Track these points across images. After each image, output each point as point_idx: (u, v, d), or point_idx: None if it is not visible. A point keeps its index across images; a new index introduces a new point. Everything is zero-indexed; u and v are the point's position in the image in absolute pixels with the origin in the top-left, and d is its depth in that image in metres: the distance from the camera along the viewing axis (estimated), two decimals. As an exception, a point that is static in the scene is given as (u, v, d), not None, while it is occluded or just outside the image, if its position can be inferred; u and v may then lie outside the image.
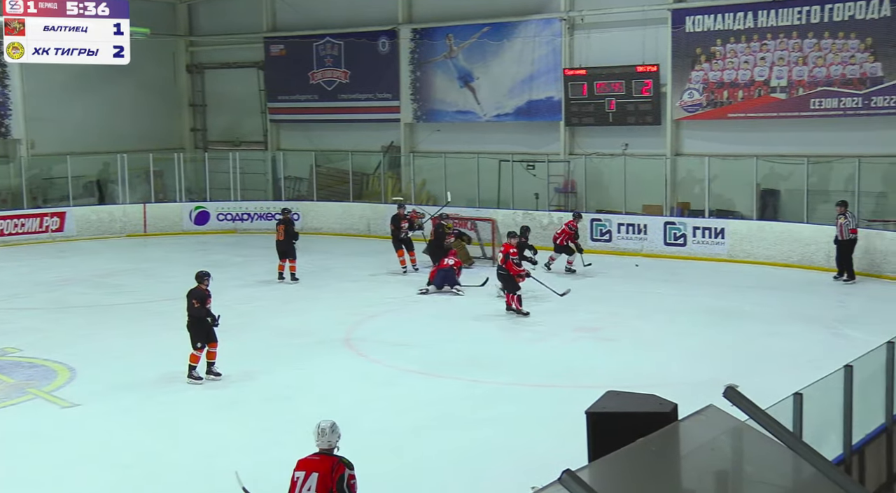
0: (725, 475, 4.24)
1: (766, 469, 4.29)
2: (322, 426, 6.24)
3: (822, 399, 6.29)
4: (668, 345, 12.95)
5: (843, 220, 16.67)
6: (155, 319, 14.96)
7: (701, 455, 4.22)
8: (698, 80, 20.50)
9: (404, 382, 11.50)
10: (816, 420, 5.97)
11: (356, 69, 25.58)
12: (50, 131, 24.85)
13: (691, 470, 4.19)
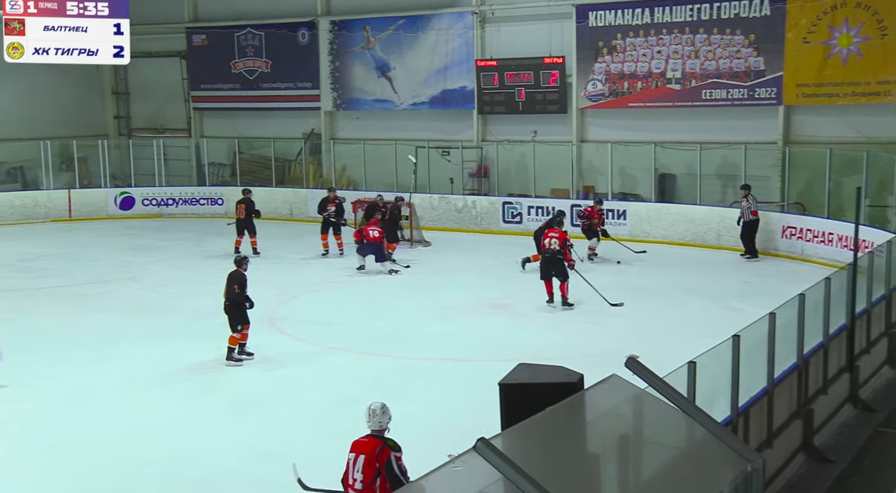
0: (627, 439, 4.35)
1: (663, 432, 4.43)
2: (373, 408, 6.06)
3: (713, 367, 6.48)
4: (574, 320, 13.18)
5: (746, 202, 17.16)
6: (80, 302, 14.56)
7: (605, 421, 4.33)
8: (601, 72, 20.81)
9: (326, 359, 11.44)
10: (708, 386, 6.15)
11: (277, 59, 25.19)
12: (-29, 118, 23.82)
13: (596, 435, 4.29)
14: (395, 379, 10.56)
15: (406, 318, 13.51)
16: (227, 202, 24.20)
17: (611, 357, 9.75)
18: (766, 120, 19.17)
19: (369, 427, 6.09)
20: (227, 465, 8.10)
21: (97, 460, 8.23)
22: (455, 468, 3.63)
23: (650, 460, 4.29)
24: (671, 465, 4.28)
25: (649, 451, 4.38)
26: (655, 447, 4.38)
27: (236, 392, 10.08)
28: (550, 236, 13.70)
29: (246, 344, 11.29)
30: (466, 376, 10.48)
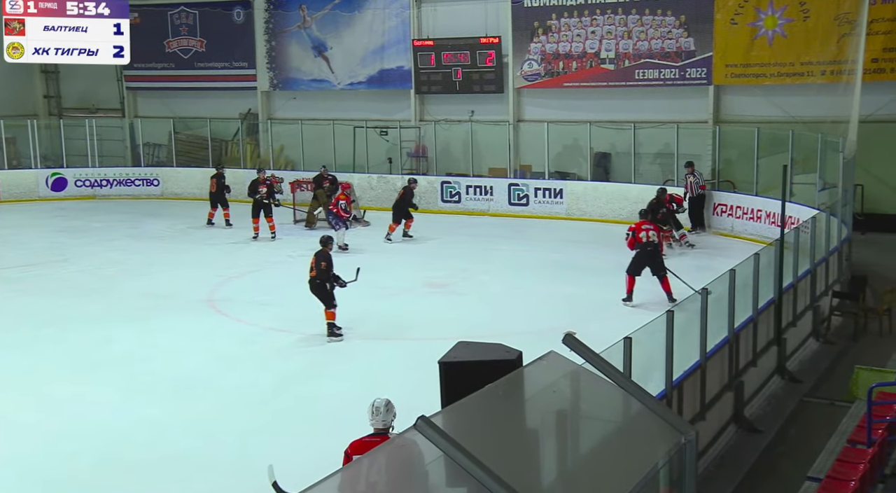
0: (565, 414, 4.40)
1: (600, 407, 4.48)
2: (376, 405, 5.66)
3: (648, 342, 6.59)
4: (513, 298, 13.25)
5: (693, 178, 17.46)
6: (9, 285, 14.15)
7: (543, 397, 4.36)
8: (537, 52, 20.87)
9: (264, 339, 11.33)
10: (643, 361, 6.26)
11: (212, 38, 24.69)
12: None
13: (535, 411, 4.33)
14: (333, 358, 10.52)
15: (344, 297, 13.37)
16: (162, 183, 23.72)
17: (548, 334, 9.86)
18: (697, 99, 19.47)
19: (372, 425, 5.68)
20: (171, 448, 7.98)
21: (33, 445, 8.02)
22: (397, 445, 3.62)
23: (587, 434, 4.35)
24: (608, 439, 4.34)
25: (587, 426, 4.43)
26: (593, 422, 4.44)
27: (176, 375, 9.92)
28: (645, 229, 12.43)
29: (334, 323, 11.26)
30: (406, 355, 10.48)
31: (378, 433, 5.61)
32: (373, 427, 5.69)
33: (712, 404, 7.84)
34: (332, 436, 8.14)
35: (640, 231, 12.45)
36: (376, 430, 5.64)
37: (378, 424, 5.66)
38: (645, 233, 12.41)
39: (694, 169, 17.60)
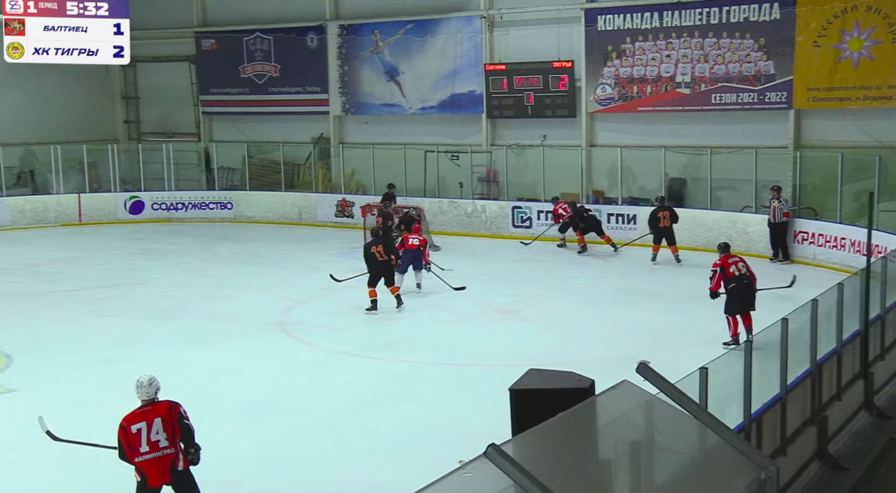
0: (639, 445, 4.32)
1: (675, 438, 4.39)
2: (141, 380, 6.72)
3: (726, 372, 6.44)
4: (584, 324, 13.12)
5: (777, 203, 17.09)
6: (89, 306, 14.58)
7: (616, 427, 4.29)
8: (610, 76, 20.77)
9: (335, 363, 11.43)
10: (720, 392, 6.11)
11: (286, 63, 25.23)
12: (-19, 122, 23.92)
13: (608, 441, 4.26)
14: (403, 383, 10.54)
15: (415, 322, 13.48)
16: (236, 206, 24.26)
17: (620, 362, 9.72)
18: (777, 124, 19.08)
19: (140, 398, 6.65)
20: (234, 471, 8.07)
21: (105, 464, 8.20)
22: (466, 474, 3.60)
23: (662, 466, 4.25)
24: (683, 472, 4.24)
25: (661, 458, 4.34)
26: (667, 454, 4.34)
27: (244, 398, 10.07)
28: (733, 262, 11.72)
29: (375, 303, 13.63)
30: (476, 381, 10.45)
31: (145, 404, 6.65)
32: (140, 399, 6.68)
33: (794, 439, 7.59)
34: (399, 462, 8.19)
35: (728, 266, 11.66)
36: (143, 401, 6.66)
37: (143, 396, 6.67)
38: (735, 267, 11.66)
39: (780, 194, 17.23)
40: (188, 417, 6.68)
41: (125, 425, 6.57)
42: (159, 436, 6.49)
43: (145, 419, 6.52)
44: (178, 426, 6.57)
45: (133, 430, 6.50)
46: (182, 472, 6.60)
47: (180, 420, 6.59)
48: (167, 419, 6.54)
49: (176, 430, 6.58)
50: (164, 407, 6.61)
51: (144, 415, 6.56)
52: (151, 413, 6.55)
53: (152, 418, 6.52)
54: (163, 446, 6.50)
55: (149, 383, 6.70)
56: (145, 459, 6.51)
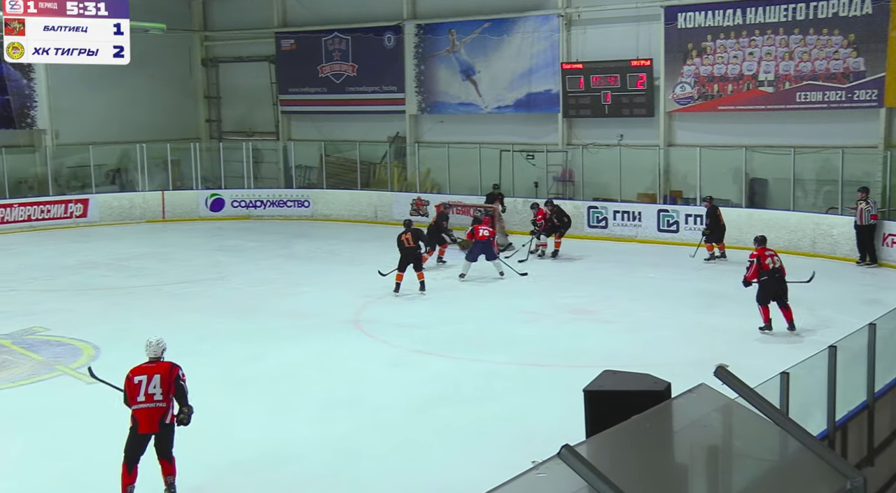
0: (716, 450, 4.24)
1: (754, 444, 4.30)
2: (150, 340, 7.54)
3: (808, 378, 6.28)
4: (660, 326, 12.94)
5: (865, 205, 16.59)
6: (171, 301, 14.99)
7: (693, 431, 4.23)
8: (690, 74, 20.42)
9: (409, 361, 11.51)
10: (802, 398, 5.97)
11: (363, 63, 25.51)
12: (73, 122, 24.81)
13: (684, 445, 4.20)
14: (477, 383, 10.56)
15: (488, 322, 13.49)
16: (313, 204, 24.65)
17: (697, 366, 9.56)
18: (866, 123, 18.47)
19: (148, 355, 7.48)
20: (314, 465, 8.20)
21: (187, 456, 8.43)
22: (539, 474, 3.59)
23: (741, 473, 4.17)
24: (763, 479, 4.15)
25: (740, 463, 4.26)
26: (747, 460, 4.26)
27: (320, 394, 10.22)
28: (769, 255, 12.18)
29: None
30: (550, 382, 10.41)
31: (151, 361, 7.47)
32: (149, 356, 7.50)
33: (882, 449, 7.35)
34: (472, 461, 8.21)
35: (764, 258, 12.09)
36: (150, 358, 7.48)
37: (151, 354, 7.49)
38: (770, 259, 12.11)
39: (867, 195, 16.70)
40: (185, 379, 7.43)
41: (130, 375, 7.40)
42: (155, 390, 7.28)
43: (147, 373, 7.33)
44: (174, 384, 7.31)
45: (135, 380, 7.32)
46: (168, 425, 7.37)
47: (177, 380, 7.34)
48: (165, 377, 7.31)
49: (171, 388, 7.32)
50: (165, 366, 7.40)
51: (147, 370, 7.38)
52: (153, 370, 7.36)
53: (153, 373, 7.33)
54: (157, 399, 7.29)
55: (156, 344, 7.51)
56: (140, 407, 7.32)
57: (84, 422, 9.36)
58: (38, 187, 23.99)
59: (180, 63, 28.06)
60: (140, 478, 7.46)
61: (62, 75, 24.52)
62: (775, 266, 12.08)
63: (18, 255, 19.44)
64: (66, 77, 24.60)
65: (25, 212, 22.85)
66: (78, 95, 24.99)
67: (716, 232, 17.66)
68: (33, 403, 9.97)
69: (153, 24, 23.83)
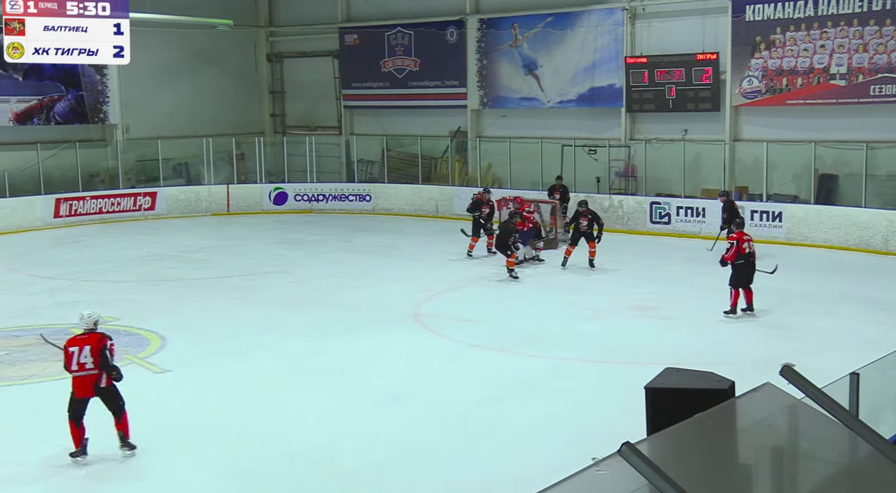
0: (781, 451, 4.15)
1: (822, 446, 4.20)
2: (82, 314, 8.31)
3: (879, 379, 6.12)
4: (724, 324, 12.72)
5: None
6: (235, 293, 15.24)
7: (757, 431, 4.14)
8: (757, 68, 20.00)
9: (469, 356, 11.52)
10: (873, 400, 5.81)
11: (425, 58, 25.57)
12: (143, 117, 25.39)
13: (748, 446, 4.12)
14: (536, 378, 10.52)
15: (549, 317, 13.43)
16: (374, 199, 24.82)
17: (762, 364, 9.37)
18: (943, 117, 17.90)
19: (81, 328, 8.25)
20: (374, 458, 8.26)
21: (249, 446, 8.59)
22: (599, 471, 3.56)
23: (807, 475, 4.08)
24: (832, 482, 4.05)
25: (807, 465, 4.16)
26: (814, 462, 4.16)
27: (380, 387, 10.29)
28: (747, 239, 12.84)
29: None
30: (611, 378, 10.32)
31: (84, 333, 8.20)
32: (82, 328, 8.26)
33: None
34: (530, 457, 8.18)
35: (742, 242, 12.70)
36: (84, 331, 8.22)
37: (83, 326, 8.27)
38: (748, 244, 12.73)
39: None
40: (111, 350, 8.11)
41: (66, 345, 8.17)
42: (86, 359, 7.97)
43: (79, 344, 8.05)
44: (100, 354, 7.97)
45: (70, 351, 8.06)
46: (105, 388, 8.05)
47: (103, 350, 7.99)
48: (95, 348, 8.01)
49: (98, 357, 7.99)
50: (95, 338, 8.10)
51: (79, 342, 8.10)
52: (84, 341, 8.07)
53: (84, 344, 8.03)
54: (88, 367, 7.99)
55: (88, 317, 8.27)
56: (74, 375, 8.05)
57: (148, 411, 9.58)
58: (109, 181, 24.62)
59: (246, 59, 28.49)
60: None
61: (133, 71, 25.05)
62: (751, 251, 12.76)
63: (90, 246, 19.99)
64: (136, 73, 25.14)
65: (97, 205, 23.48)
66: (148, 91, 25.56)
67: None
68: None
69: (220, 21, 24.28)
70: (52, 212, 22.67)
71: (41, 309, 14.06)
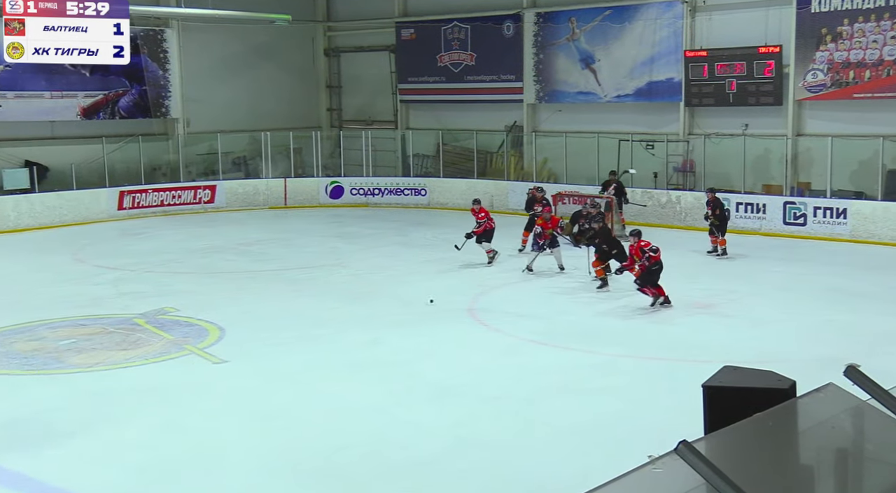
0: (846, 453, 4.05)
1: (889, 449, 4.08)
2: None
3: (947, 382, 5.92)
4: (785, 323, 12.47)
5: None
6: (292, 285, 15.39)
7: (820, 432, 4.05)
8: (823, 61, 19.54)
9: (524, 351, 11.48)
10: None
11: (482, 52, 25.51)
12: (203, 111, 25.80)
13: (809, 447, 4.03)
14: (592, 375, 10.44)
15: (605, 313, 13.31)
16: (429, 193, 24.86)
17: (824, 364, 9.16)
18: None
19: None
20: (426, 451, 8.28)
21: (306, 436, 8.67)
22: (655, 469, 3.51)
23: (874, 478, 3.97)
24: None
25: (872, 468, 4.05)
26: (880, 465, 4.04)
27: (434, 380, 10.32)
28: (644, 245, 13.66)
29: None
30: (667, 376, 10.19)
31: None
32: None
33: None
34: (585, 453, 8.12)
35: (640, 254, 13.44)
36: None
37: None
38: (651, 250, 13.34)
39: None
40: None
41: None
42: None
43: None
44: None
45: None
46: None
47: None
48: None
49: None
50: None
51: None
52: None
53: None
54: None
55: None
56: None
57: (206, 399, 9.76)
58: (170, 174, 25.08)
59: (304, 53, 28.76)
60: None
61: (194, 66, 25.57)
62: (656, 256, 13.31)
63: (152, 238, 20.40)
64: (197, 68, 25.64)
65: (159, 197, 23.95)
66: (208, 85, 25.97)
67: (722, 225, 16.93)
68: (164, 379, 10.43)
69: (279, 16, 24.56)
70: (116, 204, 23.18)
71: (105, 299, 14.39)
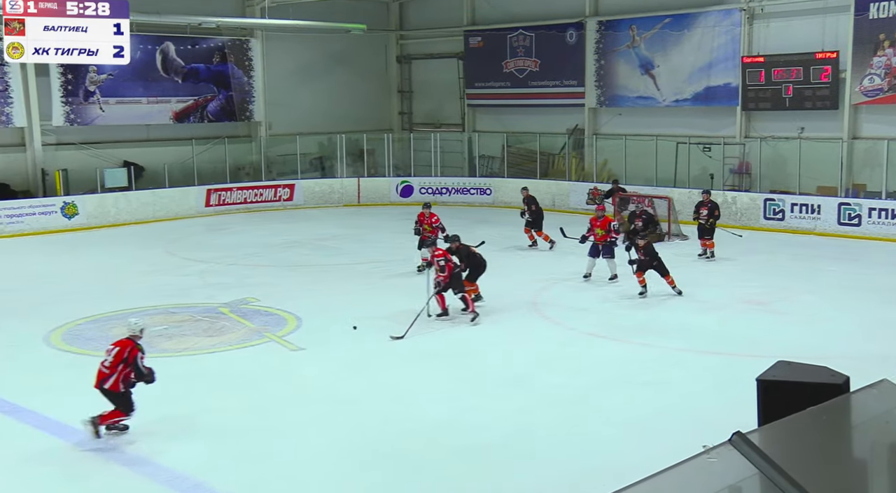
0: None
1: (941, 445, 3.96)
2: (129, 321, 8.74)
3: None
4: (839, 320, 12.15)
5: None
6: (364, 278, 15.54)
7: (874, 427, 3.95)
8: (880, 66, 18.95)
9: (583, 343, 11.42)
10: None
11: (545, 58, 25.39)
12: (283, 115, 26.24)
13: (863, 441, 3.94)
14: (648, 367, 10.33)
15: (661, 309, 13.15)
16: (494, 192, 24.85)
17: (878, 361, 8.92)
18: None
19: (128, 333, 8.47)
20: (490, 438, 8.29)
21: (371, 422, 8.76)
22: (709, 459, 3.48)
23: (925, 472, 3.86)
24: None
25: (925, 463, 3.94)
26: (932, 461, 3.93)
27: (498, 370, 10.33)
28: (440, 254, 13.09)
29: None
30: (722, 370, 10.03)
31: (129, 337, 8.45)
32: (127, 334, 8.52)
33: None
34: (641, 444, 8.05)
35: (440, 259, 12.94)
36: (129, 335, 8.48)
37: (127, 332, 8.54)
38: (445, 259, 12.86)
39: None
40: (141, 361, 8.26)
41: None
42: (108, 358, 8.27)
43: (114, 345, 8.39)
44: (132, 364, 8.20)
45: (108, 347, 8.47)
46: (107, 390, 8.23)
47: (135, 361, 8.21)
48: (121, 352, 8.25)
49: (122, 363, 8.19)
50: (126, 345, 8.32)
51: (116, 343, 8.44)
52: (117, 344, 8.39)
53: (114, 347, 8.34)
54: (106, 365, 8.26)
55: (134, 324, 8.60)
56: (97, 368, 8.33)
57: (284, 384, 9.94)
58: (253, 173, 25.57)
59: (377, 60, 29.00)
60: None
61: (276, 73, 26.00)
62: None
63: (236, 233, 20.83)
64: (279, 74, 26.06)
65: (242, 195, 24.43)
66: (288, 91, 26.39)
67: (713, 228, 16.36)
68: (246, 365, 10.66)
69: (354, 25, 24.82)
70: (203, 201, 23.72)
71: (193, 289, 14.75)
